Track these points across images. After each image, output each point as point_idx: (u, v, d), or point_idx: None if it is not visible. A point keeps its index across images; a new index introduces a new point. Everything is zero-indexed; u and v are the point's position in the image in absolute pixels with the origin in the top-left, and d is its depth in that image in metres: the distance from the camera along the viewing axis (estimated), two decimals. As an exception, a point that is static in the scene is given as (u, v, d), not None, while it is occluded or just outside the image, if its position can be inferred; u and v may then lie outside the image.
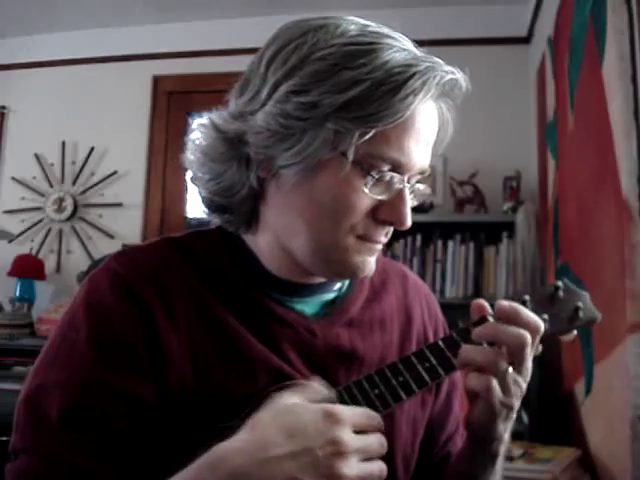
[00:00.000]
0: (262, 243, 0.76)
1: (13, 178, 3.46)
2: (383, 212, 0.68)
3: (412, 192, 0.71)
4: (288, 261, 0.74)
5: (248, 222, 0.75)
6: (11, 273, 3.14)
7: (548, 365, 2.26)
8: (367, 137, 0.63)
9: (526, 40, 3.01)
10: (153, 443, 0.66)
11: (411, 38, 0.71)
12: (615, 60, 1.47)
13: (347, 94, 0.63)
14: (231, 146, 0.70)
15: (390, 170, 0.67)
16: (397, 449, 0.78)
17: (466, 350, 0.69)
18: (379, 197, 0.67)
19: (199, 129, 0.73)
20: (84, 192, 3.40)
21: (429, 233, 2.83)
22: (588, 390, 1.77)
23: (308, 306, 0.77)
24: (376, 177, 0.66)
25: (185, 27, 3.37)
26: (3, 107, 3.54)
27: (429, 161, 0.71)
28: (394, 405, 0.67)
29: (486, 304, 0.74)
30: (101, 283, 0.70)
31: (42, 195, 3.43)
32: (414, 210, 0.73)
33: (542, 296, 0.77)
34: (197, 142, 0.73)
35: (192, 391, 0.68)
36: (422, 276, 2.80)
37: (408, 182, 0.69)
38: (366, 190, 0.66)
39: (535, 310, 0.75)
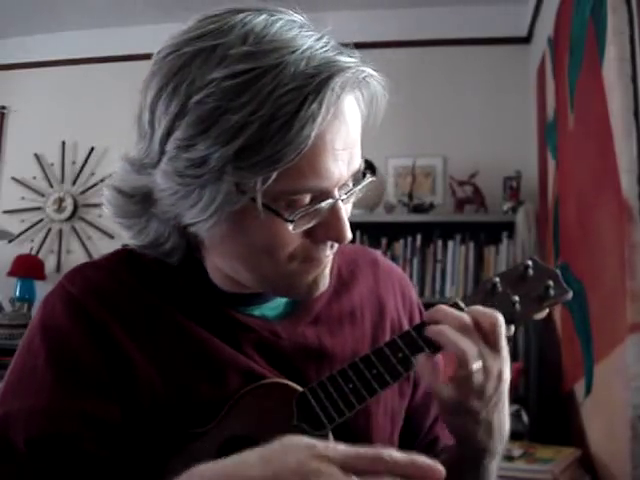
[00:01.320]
0: (209, 268, 0.73)
1: (13, 178, 3.46)
2: (319, 233, 0.64)
3: (350, 194, 0.66)
4: (237, 283, 0.71)
5: (189, 260, 0.73)
6: (11, 273, 3.14)
7: (548, 365, 2.26)
8: (272, 179, 0.57)
9: (526, 40, 3.01)
10: (127, 457, 0.65)
11: (411, 38, 0.69)
12: (615, 60, 1.47)
13: (235, 143, 0.56)
14: (142, 206, 0.66)
15: (314, 197, 0.61)
16: (375, 442, 0.76)
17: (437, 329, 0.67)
18: (309, 226, 0.62)
19: (106, 192, 0.69)
20: (84, 192, 3.40)
21: (429, 233, 2.83)
22: (588, 390, 1.77)
23: (268, 309, 0.75)
24: (295, 219, 0.61)
25: (185, 27, 3.36)
26: (3, 107, 3.54)
27: (359, 158, 0.65)
28: (369, 399, 0.67)
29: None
30: (55, 305, 0.69)
31: (42, 195, 3.43)
32: (414, 210, 0.71)
33: (512, 277, 0.76)
34: (108, 204, 0.69)
35: (162, 399, 0.67)
36: (422, 276, 2.81)
37: (341, 190, 0.64)
38: (291, 230, 0.61)
39: (505, 291, 0.74)
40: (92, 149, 3.40)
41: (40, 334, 0.68)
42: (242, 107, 0.56)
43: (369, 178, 0.67)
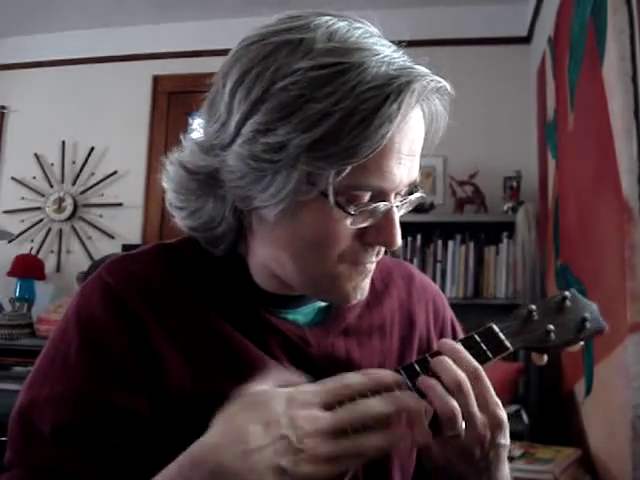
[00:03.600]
0: (251, 263, 0.74)
1: (13, 178, 3.46)
2: (370, 236, 0.65)
3: (404, 203, 0.67)
4: (278, 281, 0.72)
5: (234, 250, 0.74)
6: (11, 273, 3.14)
7: (548, 365, 2.26)
8: (344, 172, 0.59)
9: (526, 40, 3.02)
10: (151, 453, 0.65)
11: (411, 38, 0.68)
12: (615, 60, 1.47)
13: (315, 131, 0.58)
14: (204, 184, 0.67)
15: (373, 196, 0.63)
16: (394, 457, 0.76)
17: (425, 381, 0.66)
18: (364, 225, 0.64)
19: (168, 167, 0.70)
20: (84, 192, 3.40)
21: (429, 233, 2.83)
22: (588, 390, 1.77)
23: (301, 315, 0.76)
24: (356, 213, 0.62)
25: (185, 27, 3.37)
26: (3, 107, 3.54)
27: (417, 171, 0.66)
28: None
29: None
30: (92, 295, 0.69)
31: (42, 195, 3.43)
32: (414, 210, 0.71)
33: (549, 306, 0.77)
34: (169, 179, 0.70)
35: (191, 396, 0.67)
36: (422, 276, 2.81)
37: (397, 196, 0.66)
38: (348, 224, 0.63)
39: (541, 320, 0.74)
40: (92, 149, 3.40)
41: (75, 323, 0.68)
42: (326, 97, 0.58)
43: (420, 194, 0.69)
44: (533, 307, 0.75)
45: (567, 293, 0.77)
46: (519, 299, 2.62)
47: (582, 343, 0.77)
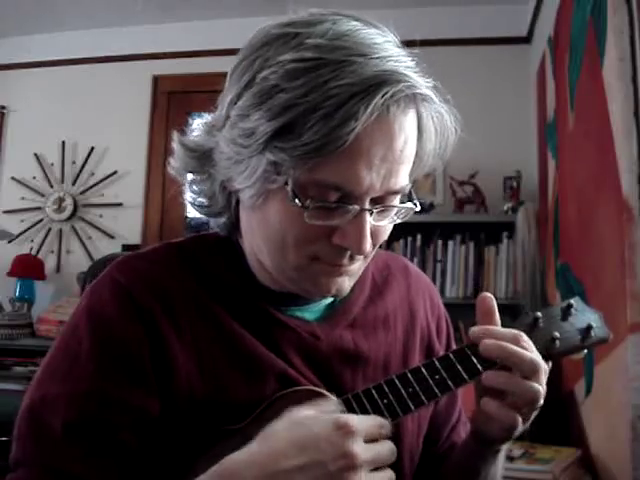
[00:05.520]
0: (246, 253, 0.75)
1: (13, 178, 3.46)
2: (337, 237, 0.65)
3: (382, 211, 0.66)
4: (270, 274, 0.73)
5: (235, 227, 0.75)
6: (11, 273, 3.14)
7: (548, 365, 2.26)
8: (307, 166, 0.59)
9: (526, 40, 3.01)
10: (160, 450, 0.65)
11: (411, 38, 0.68)
12: (615, 60, 1.47)
13: (278, 120, 0.58)
14: (200, 162, 0.70)
15: (342, 197, 0.62)
16: (404, 445, 0.78)
17: (491, 377, 0.69)
18: (328, 223, 0.63)
19: (174, 144, 0.72)
20: (84, 192, 3.40)
21: (429, 233, 2.83)
22: (588, 390, 1.77)
23: (308, 312, 0.77)
24: (311, 207, 0.61)
25: (185, 27, 3.36)
26: (3, 107, 3.54)
27: (403, 179, 0.65)
28: (402, 416, 0.67)
29: (494, 306, 0.74)
30: (103, 293, 0.70)
31: (42, 195, 3.42)
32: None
33: (554, 313, 0.77)
34: (175, 157, 0.73)
35: (200, 396, 0.67)
36: (422, 276, 2.80)
37: (376, 203, 0.64)
38: (305, 218, 0.62)
39: (546, 327, 0.75)
40: (92, 149, 3.39)
41: (86, 320, 0.68)
42: (294, 89, 0.58)
43: (409, 205, 0.68)
44: (539, 314, 0.75)
45: (572, 301, 0.78)
46: (519, 299, 2.62)
47: (586, 351, 0.77)
